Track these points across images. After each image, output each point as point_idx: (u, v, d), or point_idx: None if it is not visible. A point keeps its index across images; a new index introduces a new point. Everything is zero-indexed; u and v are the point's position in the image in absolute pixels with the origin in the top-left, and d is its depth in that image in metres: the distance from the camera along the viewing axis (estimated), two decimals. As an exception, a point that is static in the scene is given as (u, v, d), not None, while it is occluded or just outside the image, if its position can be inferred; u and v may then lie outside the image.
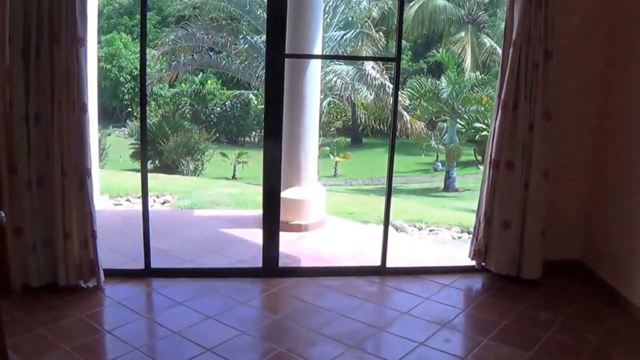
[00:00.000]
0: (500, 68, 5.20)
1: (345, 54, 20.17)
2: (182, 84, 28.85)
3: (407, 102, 22.42)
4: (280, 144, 5.37)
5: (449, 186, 23.46)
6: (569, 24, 5.32)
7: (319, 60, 9.78)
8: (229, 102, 29.64)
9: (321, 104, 20.59)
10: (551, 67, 5.09)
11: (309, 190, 7.32)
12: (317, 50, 7.27)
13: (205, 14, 22.01)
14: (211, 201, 11.81)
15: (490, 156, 5.24)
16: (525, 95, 5.10)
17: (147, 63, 23.61)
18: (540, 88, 5.08)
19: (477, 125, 23.27)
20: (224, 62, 22.26)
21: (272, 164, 5.38)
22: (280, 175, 5.51)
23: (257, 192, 5.31)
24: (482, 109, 22.43)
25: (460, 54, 23.77)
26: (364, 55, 20.94)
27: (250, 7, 20.67)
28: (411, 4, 24.47)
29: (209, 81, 29.98)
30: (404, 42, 30.59)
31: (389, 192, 5.55)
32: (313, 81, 7.23)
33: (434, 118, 25.20)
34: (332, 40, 20.15)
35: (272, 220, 5.46)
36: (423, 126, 22.40)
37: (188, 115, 28.97)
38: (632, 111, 5.19)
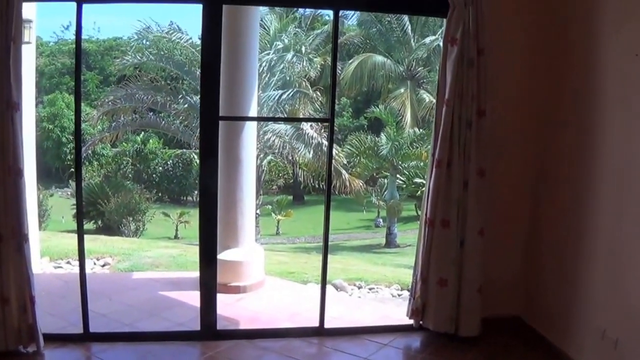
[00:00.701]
0: (434, 127, 5.25)
1: (284, 113, 20.34)
2: (124, 143, 28.73)
3: (345, 160, 22.60)
4: (215, 205, 5.33)
5: (390, 242, 23.56)
6: (502, 81, 5.42)
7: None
8: (170, 161, 29.59)
9: (261, 162, 20.65)
10: (484, 125, 5.17)
11: (247, 251, 7.26)
12: (253, 110, 7.28)
13: (145, 74, 22.05)
14: (151, 263, 11.65)
15: (426, 215, 5.27)
16: (459, 153, 5.14)
17: (89, 123, 23.82)
18: (474, 146, 5.15)
19: (418, 180, 23.49)
20: (163, 122, 22.27)
21: (208, 226, 5.33)
22: (217, 237, 5.47)
23: (197, 253, 5.26)
24: (422, 164, 22.67)
25: (399, 110, 24.08)
26: (301, 114, 21.10)
27: (189, 67, 20.78)
28: (350, 61, 24.80)
29: (150, 140, 29.92)
30: (344, 99, 30.99)
31: (325, 254, 5.55)
32: (249, 142, 7.22)
33: (374, 174, 25.39)
34: (271, 99, 20.33)
35: (209, 283, 5.39)
36: (361, 184, 22.54)
37: (130, 175, 28.84)
38: (567, 167, 5.29)
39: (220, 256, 6.12)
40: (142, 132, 29.04)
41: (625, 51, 4.58)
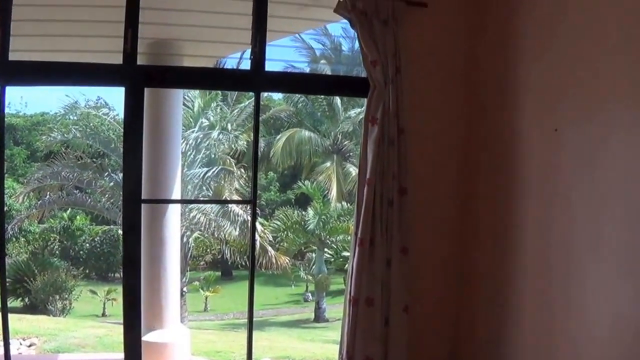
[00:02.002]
0: (356, 206, 5.28)
1: (209, 190, 20.33)
2: (52, 220, 28.22)
3: (271, 236, 22.59)
4: (139, 287, 5.23)
5: (319, 317, 23.44)
6: (423, 159, 5.49)
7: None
8: (98, 237, 29.14)
9: (188, 239, 20.47)
10: (406, 203, 5.22)
11: (172, 332, 7.14)
12: (177, 190, 7.25)
13: (71, 152, 21.86)
14: (77, 344, 11.42)
15: (350, 294, 5.25)
16: (382, 231, 5.16)
17: (16, 199, 23.34)
18: (396, 224, 5.18)
19: (346, 254, 23.49)
20: (90, 200, 22.03)
21: (132, 308, 5.22)
22: (141, 319, 5.35)
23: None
24: (349, 237, 22.65)
25: (326, 183, 24.22)
26: (226, 191, 21.13)
27: (115, 144, 20.68)
28: (278, 137, 24.95)
29: (77, 217, 29.44)
30: (271, 174, 31.06)
31: (250, 335, 5.48)
32: (173, 221, 7.18)
33: (302, 248, 25.36)
34: (196, 177, 20.33)
35: (133, 367, 5.26)
36: (288, 260, 22.50)
37: (57, 252, 28.28)
38: (490, 240, 5.39)
39: (145, 338, 5.99)
40: (70, 209, 28.61)
41: (544, 125, 4.72)
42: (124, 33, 4.98)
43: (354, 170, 24.21)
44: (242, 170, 23.17)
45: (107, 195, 21.36)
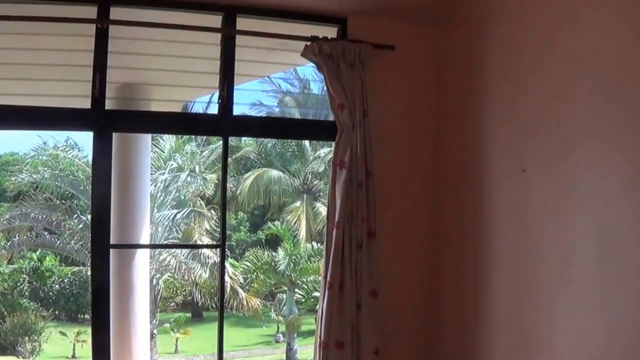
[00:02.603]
0: (325, 249, 5.28)
1: (179, 232, 20.23)
2: (21, 260, 27.87)
3: (241, 278, 22.46)
4: (108, 332, 5.18)
5: (290, 358, 23.23)
6: (393, 202, 5.52)
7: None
8: (67, 279, 28.78)
9: (158, 281, 20.30)
10: (375, 246, 5.23)
11: (141, 377, 7.06)
12: (146, 234, 7.21)
13: (40, 193, 21.69)
14: (47, 385, 11.30)
15: (320, 337, 5.22)
16: (351, 274, 5.16)
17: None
18: (366, 267, 5.18)
19: (316, 294, 23.37)
20: (59, 241, 21.82)
21: (101, 350, 5.13)
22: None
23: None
24: (320, 278, 22.54)
25: (295, 223, 24.13)
26: (196, 233, 21.05)
27: (84, 186, 20.55)
28: (246, 176, 24.87)
29: (47, 258, 29.09)
30: (241, 214, 30.92)
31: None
32: (142, 265, 7.13)
33: (273, 289, 25.19)
34: (165, 219, 20.23)
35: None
36: (259, 302, 22.36)
37: (27, 293, 27.89)
38: (460, 286, 5.41)
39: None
40: (39, 250, 28.31)
41: (513, 166, 4.76)
42: (92, 77, 4.98)
43: (323, 210, 24.11)
44: (212, 212, 23.07)
45: (76, 237, 21.17)
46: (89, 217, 19.95)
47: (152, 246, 16.78)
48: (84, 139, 22.25)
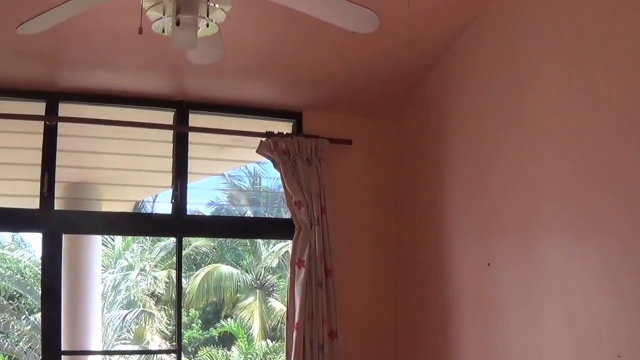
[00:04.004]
0: (285, 352, 5.07)
1: (131, 333, 19.82)
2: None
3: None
4: None
5: None
6: (354, 302, 5.37)
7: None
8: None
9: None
10: (337, 348, 5.06)
11: None
12: (97, 337, 6.95)
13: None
14: None
15: None
16: (314, 379, 4.96)
17: None
18: (328, 369, 4.99)
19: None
20: (7, 343, 21.16)
21: None
22: None
23: None
24: (279, 381, 22.17)
25: (249, 320, 23.74)
26: (148, 333, 20.63)
27: (32, 286, 20.07)
28: (196, 273, 24.50)
29: (-3, 357, 28.23)
30: (193, 311, 30.38)
31: None
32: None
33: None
34: (116, 319, 19.80)
35: None
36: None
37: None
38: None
39: None
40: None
41: (478, 261, 4.63)
42: (41, 177, 4.86)
43: (278, 306, 23.83)
44: (163, 313, 22.61)
45: (25, 339, 20.53)
46: (38, 316, 19.55)
47: (106, 352, 16.39)
48: (32, 237, 21.87)
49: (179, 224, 5.21)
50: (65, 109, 4.98)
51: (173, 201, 5.19)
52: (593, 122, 3.72)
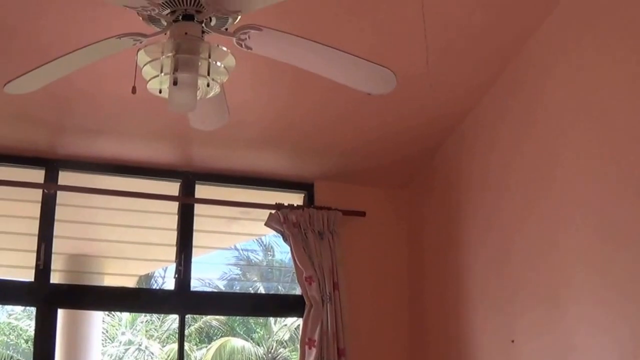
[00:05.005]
0: None
1: None
2: None
3: None
4: None
5: None
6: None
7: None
8: None
9: None
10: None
11: None
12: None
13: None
14: None
15: None
16: None
17: None
18: None
19: None
20: None
21: None
22: None
23: None
24: None
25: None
26: None
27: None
28: (208, 346, 24.21)
29: None
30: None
31: None
32: None
33: None
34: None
35: None
36: None
37: None
38: None
39: None
40: None
41: (500, 338, 4.36)
42: (37, 247, 4.69)
43: (290, 380, 23.48)
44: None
45: None
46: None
47: None
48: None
49: (182, 300, 4.99)
50: (65, 177, 4.84)
51: (176, 276, 4.98)
52: (624, 192, 3.50)
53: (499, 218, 4.53)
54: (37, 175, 4.79)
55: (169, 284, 5.21)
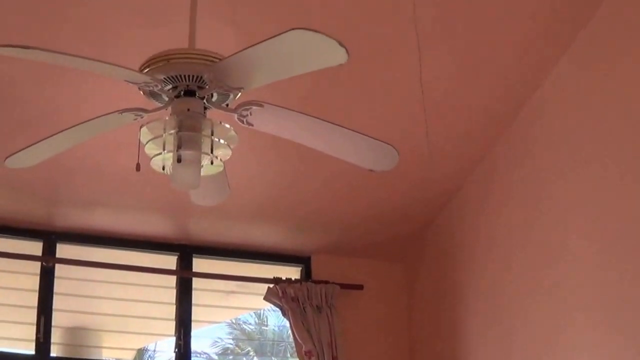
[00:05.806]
0: None
1: None
2: None
3: None
4: None
5: None
6: None
7: None
8: None
9: None
10: None
11: None
12: None
13: None
14: None
15: None
16: None
17: None
18: None
19: None
20: None
21: None
22: None
23: None
24: None
25: None
26: None
27: None
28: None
29: None
30: None
31: None
32: None
33: None
34: None
35: None
36: None
37: None
38: None
39: None
40: None
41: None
42: (37, 320, 4.69)
43: None
44: None
45: None
46: None
47: None
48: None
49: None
50: (63, 250, 4.84)
51: (176, 350, 4.96)
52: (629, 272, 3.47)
53: (497, 289, 4.52)
54: (35, 247, 4.79)
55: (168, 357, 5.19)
